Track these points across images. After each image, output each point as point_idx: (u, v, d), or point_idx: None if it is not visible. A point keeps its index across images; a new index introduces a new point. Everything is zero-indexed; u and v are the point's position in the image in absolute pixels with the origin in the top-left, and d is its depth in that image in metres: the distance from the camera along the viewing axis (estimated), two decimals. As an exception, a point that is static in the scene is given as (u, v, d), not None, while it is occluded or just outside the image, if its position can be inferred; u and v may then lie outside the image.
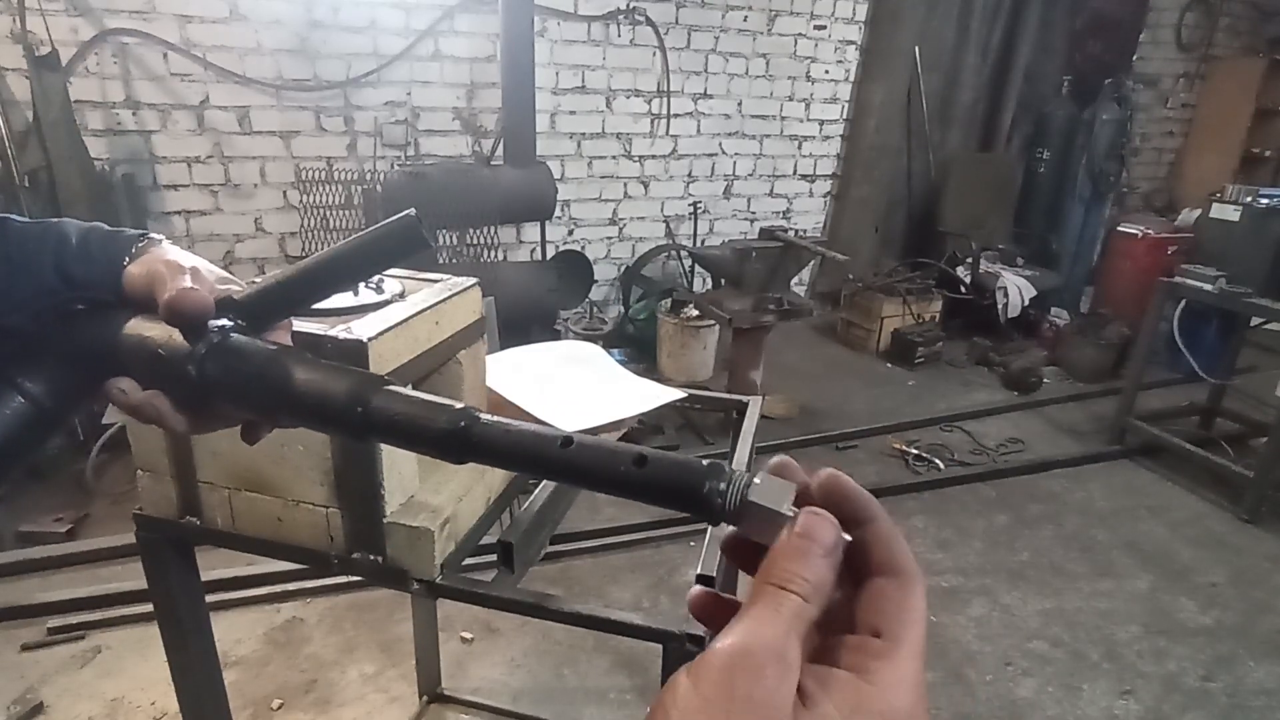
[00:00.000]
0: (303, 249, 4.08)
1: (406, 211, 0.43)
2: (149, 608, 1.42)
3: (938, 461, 3.75)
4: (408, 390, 0.41)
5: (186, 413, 0.46)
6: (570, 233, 5.03)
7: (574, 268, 4.84)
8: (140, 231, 0.51)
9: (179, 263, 0.46)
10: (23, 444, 0.46)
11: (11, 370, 0.46)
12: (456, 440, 0.38)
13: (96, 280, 0.48)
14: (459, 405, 0.40)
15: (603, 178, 5.02)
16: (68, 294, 0.47)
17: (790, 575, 0.28)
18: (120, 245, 0.49)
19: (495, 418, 0.39)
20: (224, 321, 0.45)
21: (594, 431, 1.45)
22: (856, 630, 0.30)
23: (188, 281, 0.44)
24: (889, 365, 5.02)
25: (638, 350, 4.72)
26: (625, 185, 5.11)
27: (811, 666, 0.29)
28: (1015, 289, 5.15)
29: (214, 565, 2.45)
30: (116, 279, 0.48)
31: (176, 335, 0.44)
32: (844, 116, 5.67)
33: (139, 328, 0.45)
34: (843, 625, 0.31)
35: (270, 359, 0.43)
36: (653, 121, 5.02)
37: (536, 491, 1.33)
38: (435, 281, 1.30)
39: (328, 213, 3.91)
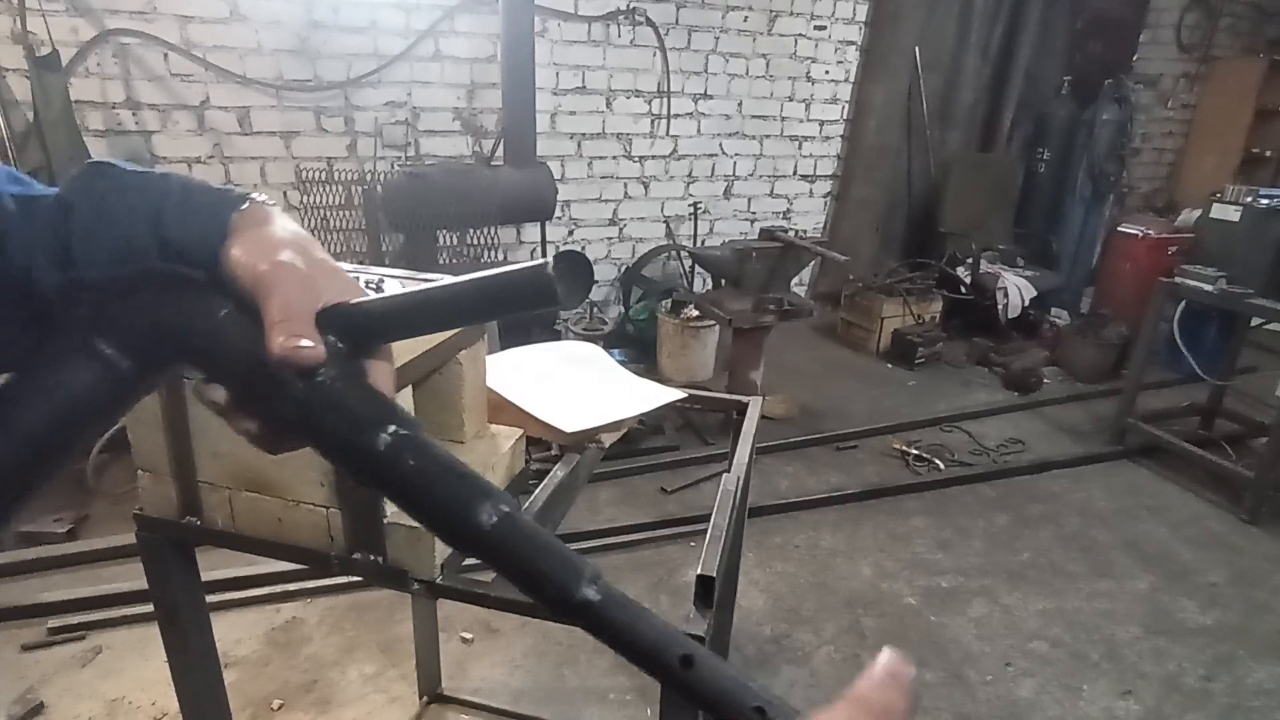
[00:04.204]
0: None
1: (543, 260, 0.39)
2: (149, 608, 1.42)
3: (938, 462, 3.75)
4: (533, 524, 0.38)
5: (272, 436, 0.44)
6: (570, 233, 5.03)
7: (574, 268, 4.84)
8: (242, 193, 0.46)
9: (292, 268, 0.42)
10: (97, 416, 0.42)
11: (92, 335, 0.42)
12: (577, 611, 0.36)
13: (191, 248, 0.43)
14: (587, 566, 0.37)
15: (603, 178, 5.02)
16: (159, 261, 0.43)
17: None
18: (221, 211, 0.44)
19: (624, 598, 0.37)
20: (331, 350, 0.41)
21: (594, 432, 1.46)
22: None
23: (301, 333, 0.40)
24: (889, 365, 5.02)
25: (638, 350, 4.72)
26: (625, 185, 5.11)
27: None
28: (1015, 289, 5.15)
29: (214, 565, 2.44)
30: (213, 252, 0.43)
31: None
32: (844, 117, 5.68)
33: (239, 338, 0.41)
34: None
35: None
36: (653, 122, 5.02)
37: (537, 491, 1.33)
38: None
39: (328, 213, 3.91)
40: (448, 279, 0.42)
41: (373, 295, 0.44)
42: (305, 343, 0.39)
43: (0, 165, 0.47)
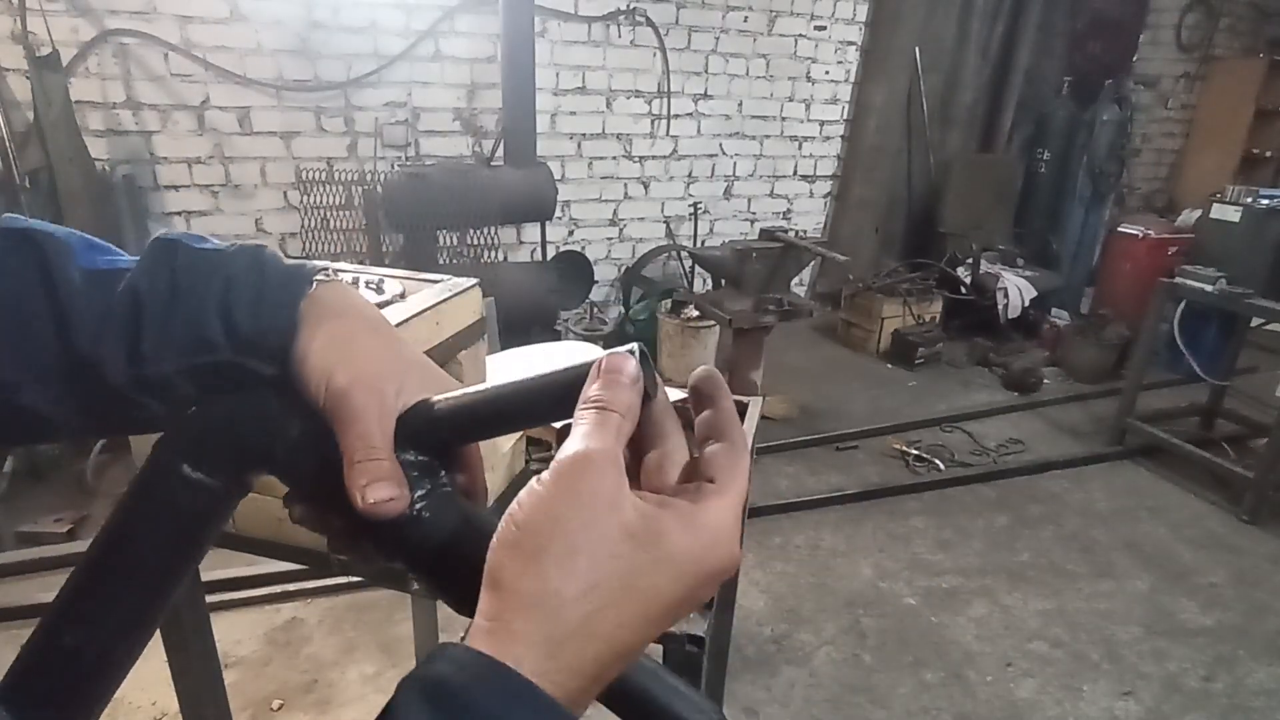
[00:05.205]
0: (303, 249, 4.08)
1: (630, 346, 0.36)
2: (149, 608, 1.41)
3: (938, 462, 3.75)
4: (652, 662, 0.38)
5: (372, 556, 0.44)
6: (570, 233, 5.03)
7: (574, 268, 4.84)
8: (311, 269, 0.44)
9: (367, 388, 0.40)
10: (203, 534, 0.43)
11: (181, 464, 0.41)
12: None
13: (261, 343, 0.42)
14: (713, 712, 0.38)
15: (603, 178, 5.02)
16: (229, 354, 0.42)
17: (608, 398, 0.34)
18: (290, 299, 0.43)
19: None
20: (420, 492, 0.39)
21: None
22: (695, 480, 0.36)
23: (383, 477, 0.38)
24: (889, 366, 5.01)
25: (638, 351, 4.71)
26: (625, 186, 5.11)
27: (658, 495, 0.34)
28: (1015, 290, 5.15)
29: (214, 565, 2.45)
30: (284, 347, 0.42)
31: None
32: (844, 117, 5.68)
33: (321, 458, 0.41)
34: (686, 478, 0.37)
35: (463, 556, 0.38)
36: (653, 122, 5.02)
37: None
38: (435, 282, 1.30)
39: (328, 213, 3.91)
40: (528, 375, 0.39)
41: (454, 391, 0.42)
42: (386, 494, 0.38)
43: (75, 231, 0.45)
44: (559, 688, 0.29)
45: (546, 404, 0.38)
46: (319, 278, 0.44)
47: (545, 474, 0.32)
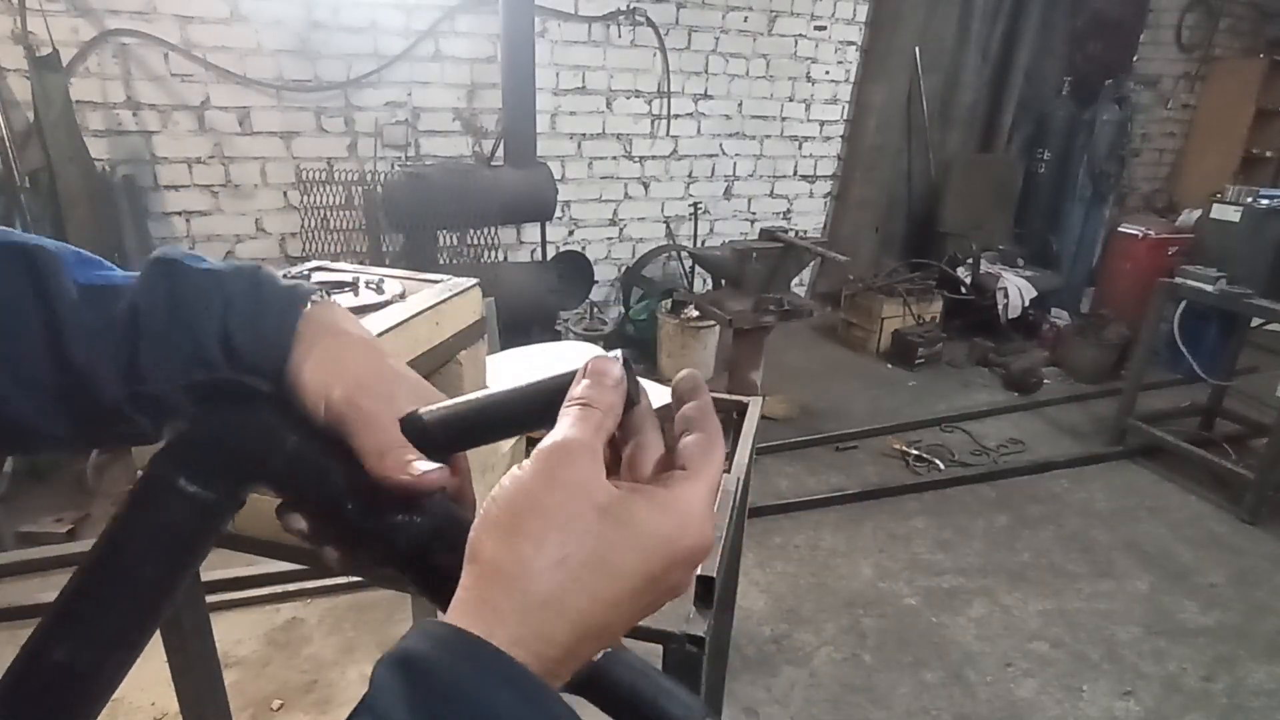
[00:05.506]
0: (303, 249, 4.08)
1: (615, 352, 0.38)
2: (149, 608, 1.41)
3: (938, 462, 3.75)
4: (640, 660, 0.39)
5: (362, 562, 0.45)
6: (571, 233, 5.03)
7: (574, 268, 4.84)
8: (307, 290, 0.45)
9: (371, 392, 0.41)
10: (197, 548, 0.43)
11: (177, 478, 0.41)
12: None
13: (258, 360, 0.43)
14: (701, 709, 0.39)
15: (603, 178, 5.02)
16: (226, 371, 0.43)
17: (591, 397, 0.35)
18: (287, 318, 0.44)
19: None
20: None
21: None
22: (669, 469, 0.37)
23: (415, 457, 0.40)
24: (889, 366, 5.02)
25: (638, 351, 4.72)
26: (625, 186, 5.11)
27: (629, 482, 0.35)
28: (1016, 290, 5.15)
29: (214, 565, 2.45)
30: (279, 364, 0.43)
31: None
32: (844, 117, 5.68)
33: (319, 468, 0.42)
34: (662, 470, 0.38)
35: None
36: (653, 122, 5.02)
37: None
38: (436, 282, 1.30)
39: (328, 213, 3.91)
40: (517, 384, 0.41)
41: (444, 401, 0.43)
42: (425, 466, 0.40)
43: (66, 245, 0.45)
44: (532, 657, 0.30)
45: (533, 411, 0.40)
46: (314, 299, 0.46)
47: (526, 460, 0.34)
